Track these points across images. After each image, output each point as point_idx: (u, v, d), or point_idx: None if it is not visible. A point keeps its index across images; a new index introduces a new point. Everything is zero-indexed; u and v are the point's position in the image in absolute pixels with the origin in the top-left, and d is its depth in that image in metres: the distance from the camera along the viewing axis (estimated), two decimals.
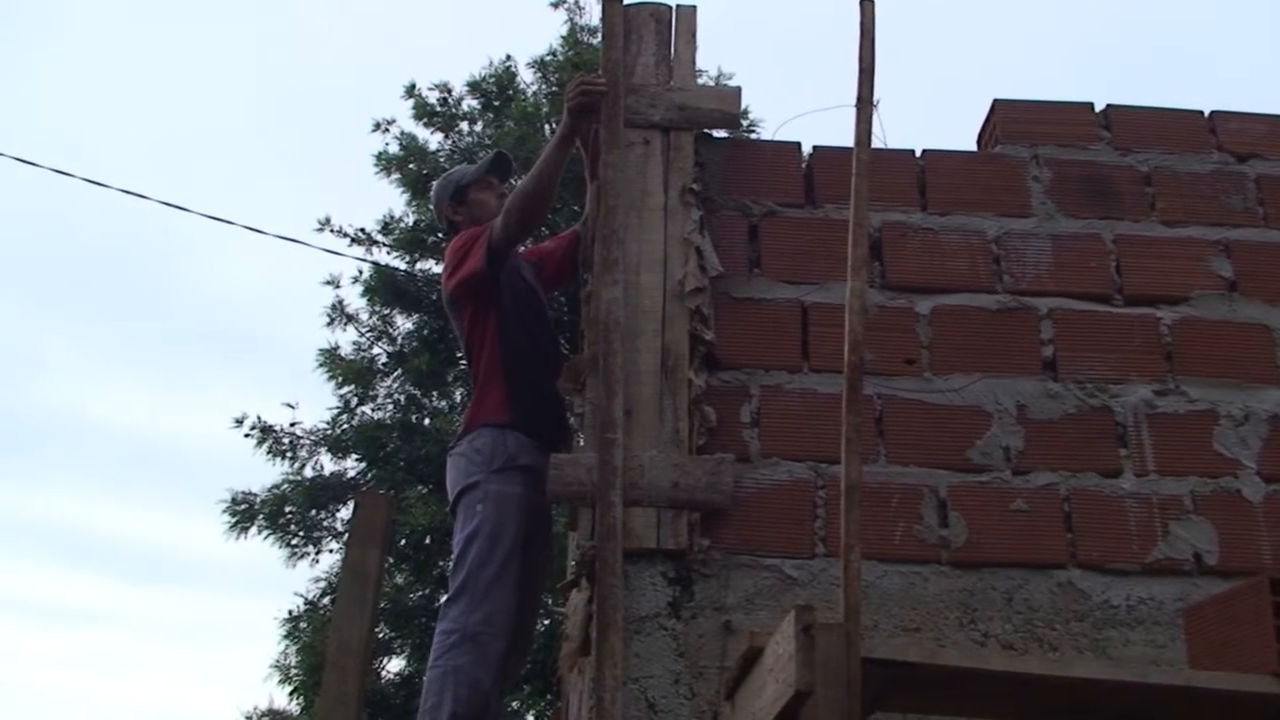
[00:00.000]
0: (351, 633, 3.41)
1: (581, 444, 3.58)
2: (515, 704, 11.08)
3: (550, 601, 8.47)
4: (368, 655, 3.44)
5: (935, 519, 3.36)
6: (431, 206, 4.55)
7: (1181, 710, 2.69)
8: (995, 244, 3.70)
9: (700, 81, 4.09)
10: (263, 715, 12.27)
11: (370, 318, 13.83)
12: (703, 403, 3.43)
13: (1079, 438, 3.48)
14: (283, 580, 23.79)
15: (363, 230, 13.80)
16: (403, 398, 13.52)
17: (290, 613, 12.62)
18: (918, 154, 3.81)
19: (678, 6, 3.92)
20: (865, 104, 3.00)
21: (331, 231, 13.76)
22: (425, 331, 13.51)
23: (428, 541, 11.93)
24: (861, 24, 3.05)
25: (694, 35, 3.89)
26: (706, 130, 3.79)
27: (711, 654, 3.19)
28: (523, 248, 4.55)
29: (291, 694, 12.34)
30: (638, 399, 3.43)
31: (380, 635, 11.54)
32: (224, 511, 12.78)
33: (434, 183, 4.84)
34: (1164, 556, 3.37)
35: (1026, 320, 3.61)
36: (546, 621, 9.06)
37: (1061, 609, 3.29)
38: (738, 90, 3.91)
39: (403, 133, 13.95)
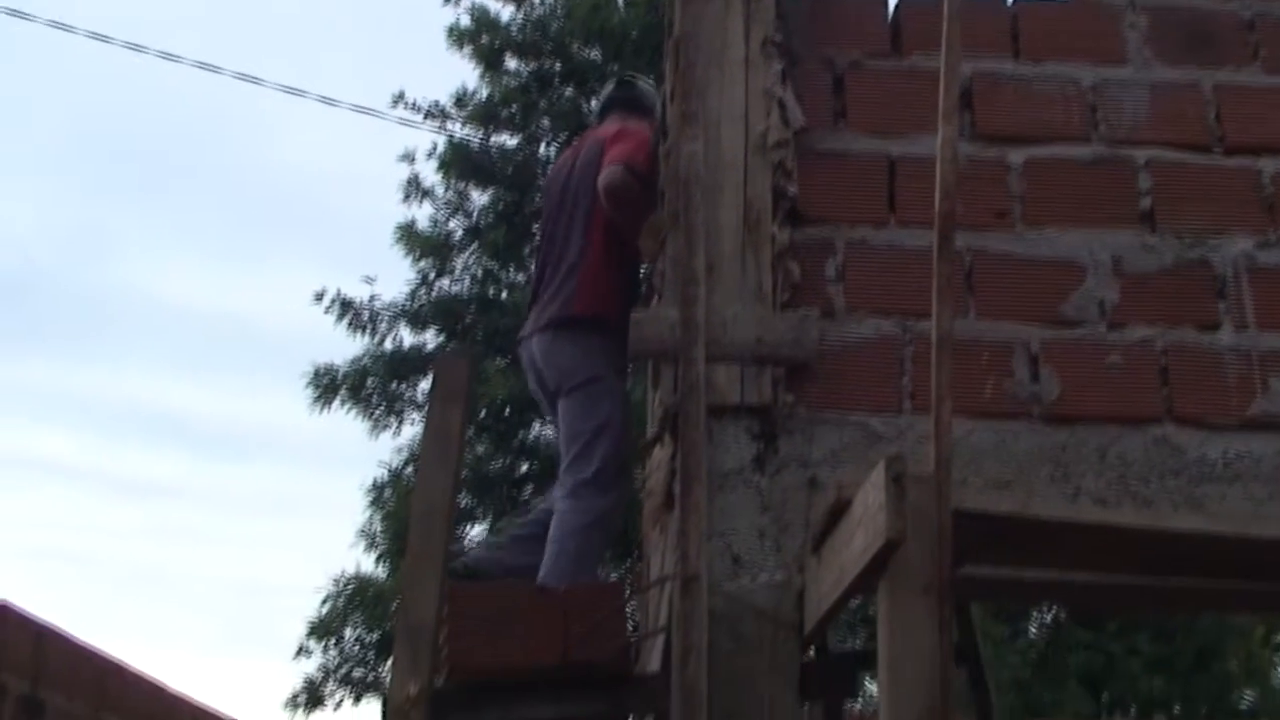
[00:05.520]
0: (435, 491, 3.43)
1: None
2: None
3: None
4: (451, 513, 3.47)
5: (1027, 374, 3.29)
6: (649, 88, 4.70)
7: None
8: (1090, 93, 3.56)
9: None
10: (349, 581, 12.52)
11: (446, 192, 13.81)
12: (786, 258, 3.37)
13: (1176, 291, 3.38)
14: (365, 454, 24.17)
15: (436, 104, 13.74)
16: (480, 271, 13.55)
17: (375, 481, 12.85)
18: (1009, 1, 3.67)
19: None
20: None
21: (405, 106, 13.72)
22: (500, 206, 13.49)
23: (507, 413, 12.04)
24: None
25: None
26: None
27: (796, 509, 3.16)
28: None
29: (377, 561, 12.59)
30: (720, 255, 3.37)
31: (462, 504, 11.71)
32: (307, 385, 12.95)
33: (648, 86, 4.99)
34: (1263, 411, 3.28)
35: (1122, 171, 3.49)
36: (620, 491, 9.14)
37: (1156, 464, 3.22)
38: None
39: (474, 5, 13.79)
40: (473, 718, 3.48)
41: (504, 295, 13.28)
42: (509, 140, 13.70)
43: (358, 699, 12.55)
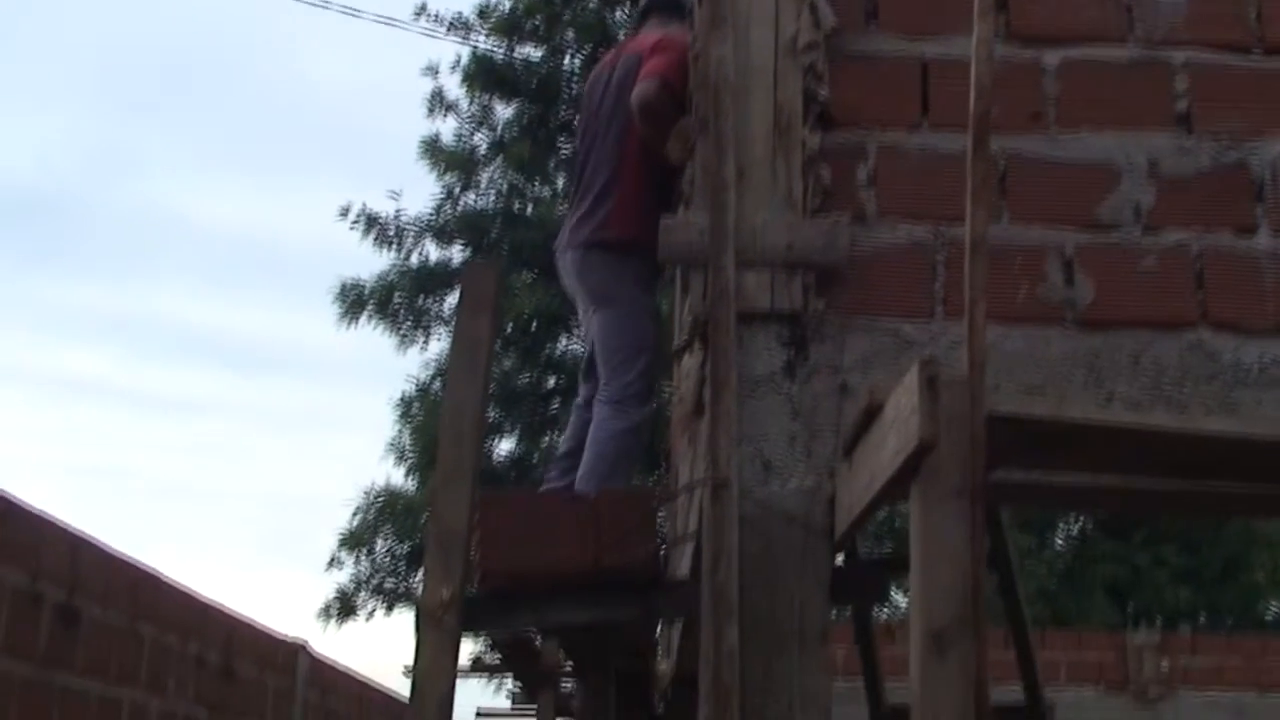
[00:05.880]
0: (465, 398, 3.44)
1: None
2: None
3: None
4: (482, 419, 3.47)
5: (1060, 279, 3.25)
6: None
7: None
8: None
9: None
10: (379, 494, 12.63)
11: (470, 106, 13.73)
12: (817, 163, 3.32)
13: (1213, 194, 3.32)
14: (393, 369, 24.30)
15: (459, 15, 13.64)
16: (505, 186, 13.51)
17: (403, 396, 12.91)
18: None
19: None
20: None
21: (428, 18, 13.63)
22: (525, 119, 13.41)
23: (534, 328, 12.06)
24: None
25: None
26: None
27: (827, 414, 3.16)
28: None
29: (406, 474, 12.70)
30: (749, 160, 3.33)
31: (490, 418, 11.77)
32: (334, 300, 12.99)
33: None
34: None
35: (1160, 72, 3.42)
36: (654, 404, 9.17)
37: (1190, 369, 3.19)
38: None
39: None
40: (505, 623, 3.52)
41: (529, 210, 13.24)
42: (533, 52, 13.60)
43: (390, 609, 12.74)
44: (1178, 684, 8.34)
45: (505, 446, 12.66)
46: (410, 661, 3.30)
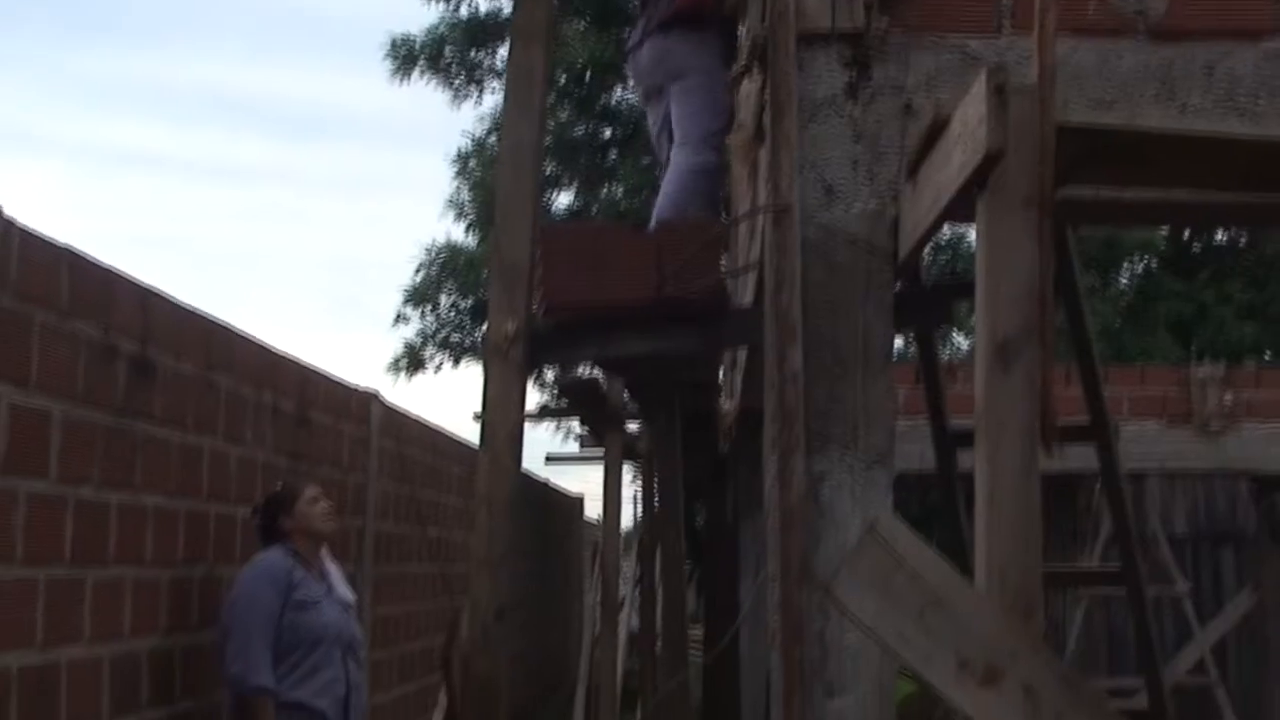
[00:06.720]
0: (522, 132, 3.40)
1: None
2: None
3: None
4: (540, 154, 3.44)
5: None
6: None
7: None
8: None
9: None
10: (441, 250, 12.71)
11: None
12: None
13: None
14: (446, 130, 24.19)
15: None
16: None
17: (459, 152, 12.85)
18: None
19: None
20: None
21: None
22: None
23: (588, 78, 11.86)
24: None
25: None
26: None
27: (891, 136, 3.10)
28: None
29: (466, 230, 12.75)
30: None
31: (547, 171, 11.72)
32: (385, 56, 12.82)
33: None
34: None
35: None
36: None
37: (1266, 80, 3.08)
38: None
39: None
40: (569, 356, 3.56)
41: None
42: None
43: (456, 361, 12.97)
44: (1241, 417, 8.37)
45: (564, 200, 12.66)
46: (479, 408, 3.35)
